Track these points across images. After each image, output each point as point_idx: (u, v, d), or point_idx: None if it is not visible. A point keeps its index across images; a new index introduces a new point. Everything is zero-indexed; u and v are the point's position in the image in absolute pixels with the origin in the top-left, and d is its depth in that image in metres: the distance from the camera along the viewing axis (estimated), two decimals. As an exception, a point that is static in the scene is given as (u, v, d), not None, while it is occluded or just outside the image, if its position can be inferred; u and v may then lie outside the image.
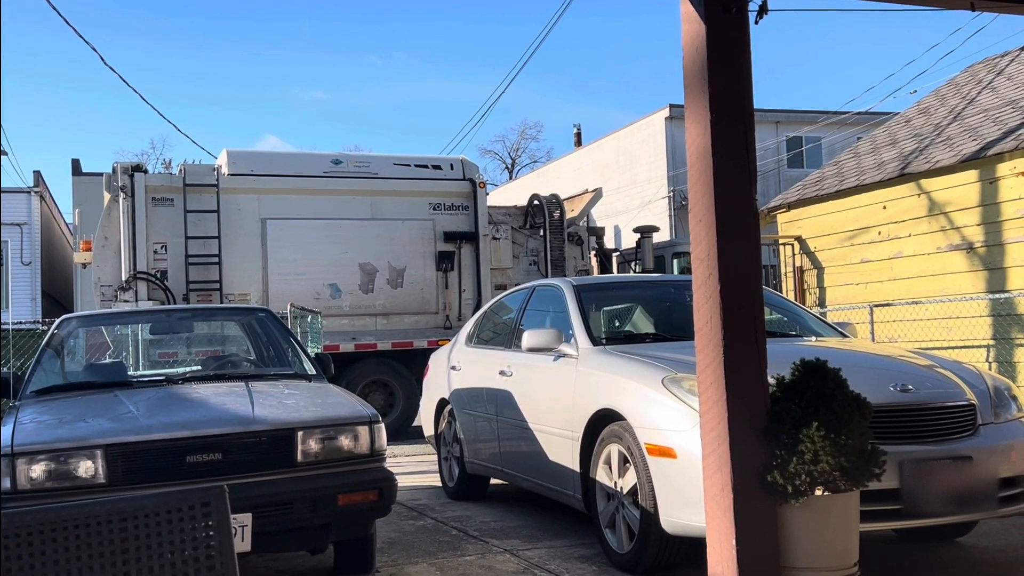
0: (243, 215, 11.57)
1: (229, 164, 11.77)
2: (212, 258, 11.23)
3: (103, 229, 11.22)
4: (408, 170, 12.71)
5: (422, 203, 12.57)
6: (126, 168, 11.17)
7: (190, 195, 11.27)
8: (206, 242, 11.18)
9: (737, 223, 3.40)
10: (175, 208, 11.25)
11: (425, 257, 12.57)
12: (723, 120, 3.37)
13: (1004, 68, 12.37)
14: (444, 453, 7.58)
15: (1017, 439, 4.50)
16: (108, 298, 11.03)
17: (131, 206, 11.00)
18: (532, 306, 6.67)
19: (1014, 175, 9.11)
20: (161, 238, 11.12)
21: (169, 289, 11.21)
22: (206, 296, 11.27)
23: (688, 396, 4.41)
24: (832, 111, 25.31)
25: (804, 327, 6.11)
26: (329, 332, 11.59)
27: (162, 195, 11.23)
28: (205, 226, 11.30)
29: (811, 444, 3.36)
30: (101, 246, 11.19)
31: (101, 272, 11.12)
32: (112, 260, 11.11)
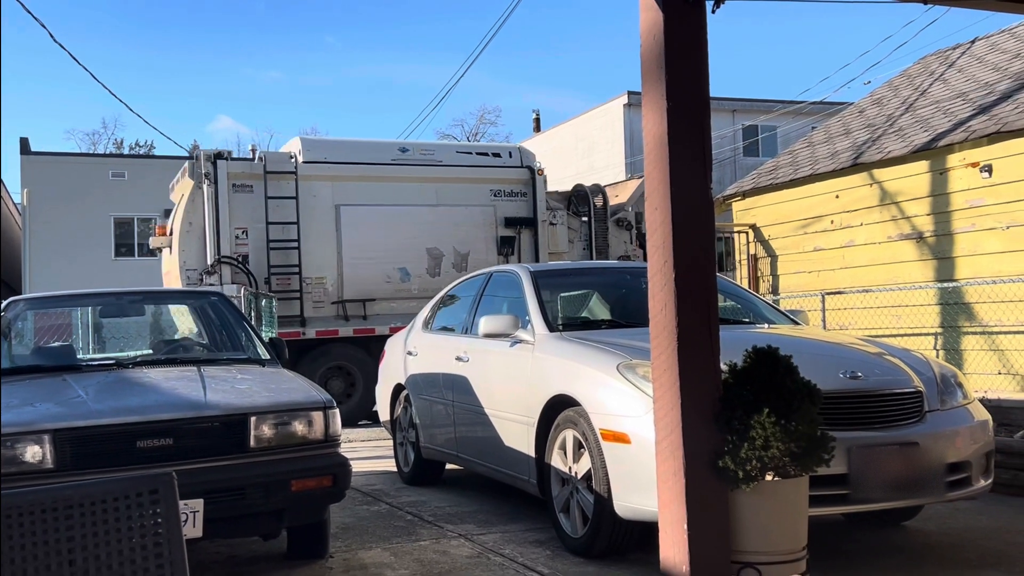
0: (318, 201, 11.91)
1: (304, 152, 12.07)
2: (292, 243, 11.55)
3: (187, 215, 11.46)
4: (470, 158, 13.13)
5: (483, 190, 12.90)
6: (209, 155, 11.40)
7: (270, 182, 11.58)
8: (285, 227, 11.51)
9: (692, 212, 3.42)
10: (254, 194, 11.54)
11: (487, 242, 12.90)
12: (679, 109, 3.38)
13: (955, 61, 12.57)
14: (399, 438, 7.57)
15: (962, 425, 4.60)
16: (193, 281, 11.29)
17: (215, 192, 11.27)
18: (489, 292, 6.66)
19: (963, 166, 9.28)
20: (242, 223, 11.44)
21: (251, 273, 11.50)
22: (285, 280, 11.61)
23: (642, 382, 4.44)
24: (788, 100, 25.58)
25: (757, 314, 6.18)
26: (399, 314, 11.89)
27: (241, 182, 11.52)
28: (284, 212, 11.62)
29: (762, 430, 3.40)
30: (186, 231, 11.41)
31: (186, 256, 11.37)
32: (197, 245, 11.38)
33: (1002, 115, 9.14)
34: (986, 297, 8.99)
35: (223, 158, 11.46)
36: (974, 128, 9.21)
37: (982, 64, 11.66)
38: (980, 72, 11.31)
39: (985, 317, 9.09)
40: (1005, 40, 12.14)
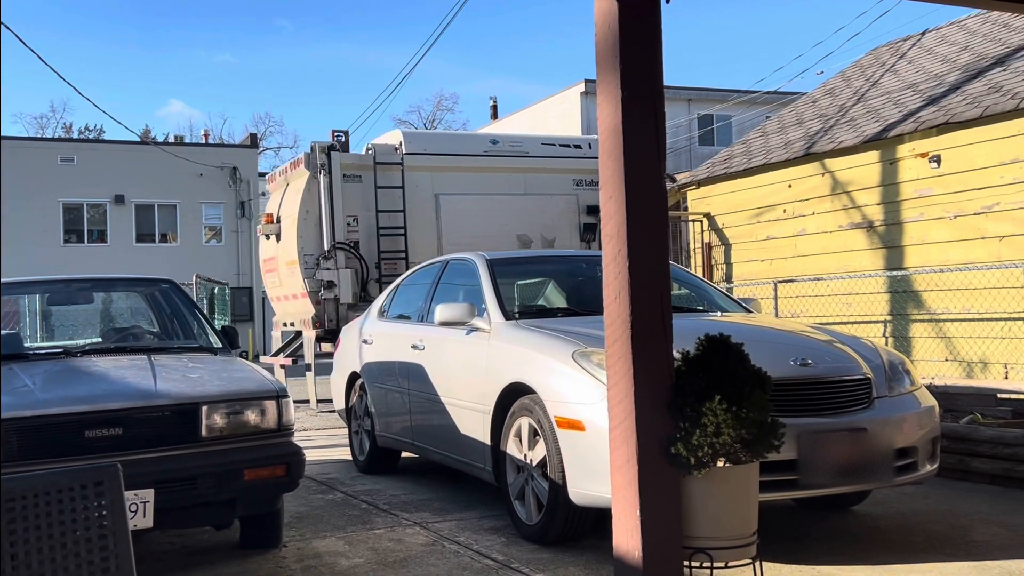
0: (419, 191, 12.52)
1: (405, 144, 12.72)
2: (398, 230, 12.19)
3: (304, 203, 12.04)
4: (554, 149, 13.56)
5: (567, 179, 13.31)
6: (323, 148, 12.04)
7: (379, 172, 12.26)
8: (392, 215, 12.14)
9: (646, 201, 3.43)
10: (363, 184, 12.19)
11: (571, 229, 13.23)
12: (634, 98, 3.39)
13: (906, 52, 12.76)
14: (355, 427, 7.54)
15: (910, 411, 4.69)
16: (310, 266, 11.88)
17: (329, 183, 11.84)
18: (446, 280, 6.65)
19: (913, 156, 9.44)
20: (352, 211, 12.04)
21: (363, 258, 12.07)
22: (393, 264, 12.16)
23: (597, 370, 4.46)
24: (742, 90, 25.79)
25: (710, 302, 6.24)
26: None
27: (351, 172, 12.13)
28: (391, 200, 12.26)
29: (714, 417, 3.43)
30: (303, 219, 11.99)
31: (304, 243, 11.99)
32: (313, 231, 11.99)
33: (951, 106, 9.30)
34: (934, 285, 9.17)
35: (336, 150, 12.18)
36: (923, 119, 9.37)
37: (932, 56, 11.85)
38: (930, 64, 11.50)
39: (933, 305, 9.27)
40: (954, 32, 12.35)
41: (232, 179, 31.34)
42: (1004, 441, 6.12)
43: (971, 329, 8.88)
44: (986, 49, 10.76)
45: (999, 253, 8.57)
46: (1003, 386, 7.78)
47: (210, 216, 31.43)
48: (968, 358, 8.90)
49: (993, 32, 11.31)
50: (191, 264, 27.42)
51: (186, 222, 30.95)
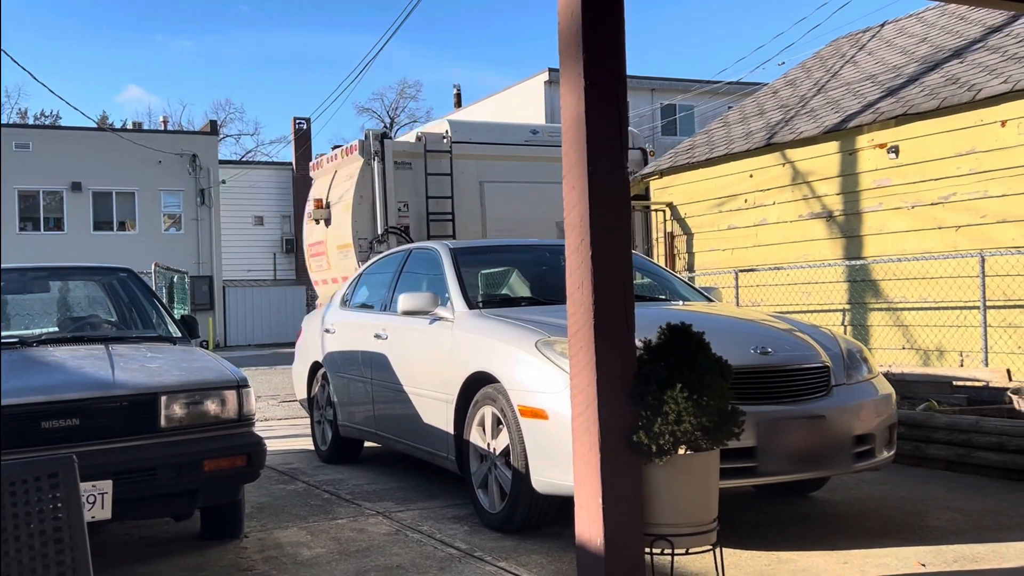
0: (465, 178, 12.80)
1: (452, 132, 12.99)
2: (447, 215, 12.49)
3: (358, 189, 12.35)
4: None
5: None
6: (377, 135, 12.32)
7: (429, 159, 12.58)
8: (441, 201, 12.47)
9: (609, 190, 3.44)
10: (413, 171, 12.48)
11: None
12: (596, 88, 3.40)
13: (866, 43, 12.91)
14: (317, 417, 7.50)
15: (867, 399, 4.76)
16: (364, 250, 12.16)
17: (382, 169, 12.16)
18: (409, 269, 6.63)
19: (872, 147, 9.55)
20: (403, 197, 12.34)
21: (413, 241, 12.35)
22: None
23: (560, 359, 4.48)
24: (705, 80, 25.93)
25: (672, 291, 6.28)
26: None
27: (401, 159, 12.40)
28: (440, 187, 12.53)
29: (675, 405, 3.46)
30: (358, 204, 12.29)
31: (358, 227, 12.28)
32: (367, 216, 12.29)
33: (909, 98, 9.42)
34: (892, 275, 9.31)
35: (388, 138, 12.56)
36: (882, 110, 9.48)
37: (891, 47, 11.99)
38: (889, 55, 11.63)
39: (890, 294, 9.40)
40: (913, 24, 12.50)
41: (192, 166, 30.95)
42: (959, 428, 6.23)
43: (928, 318, 9.03)
44: (943, 41, 10.91)
45: (955, 243, 8.71)
46: (958, 374, 7.92)
47: (169, 204, 31.03)
48: (925, 346, 9.05)
49: (950, 25, 11.46)
50: (150, 252, 27.07)
51: (145, 210, 30.54)
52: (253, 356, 24.46)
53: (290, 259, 34.35)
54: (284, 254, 34.40)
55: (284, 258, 34.47)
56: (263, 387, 14.52)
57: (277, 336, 31.98)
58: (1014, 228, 8.17)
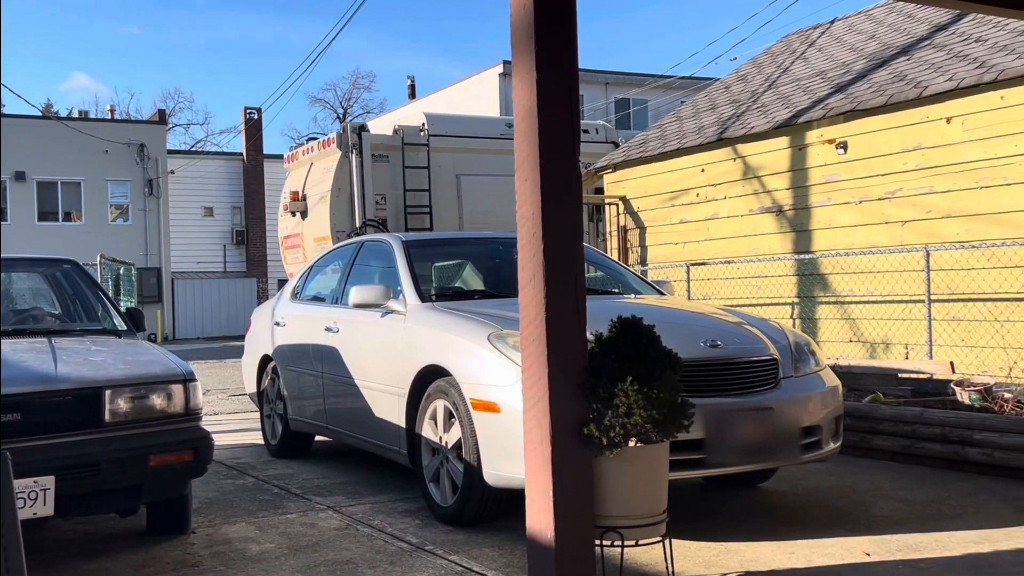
0: (442, 171, 12.88)
1: (429, 125, 13.06)
2: (424, 208, 12.58)
3: (336, 181, 12.40)
4: None
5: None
6: (355, 128, 12.42)
7: (407, 152, 12.65)
8: (418, 194, 12.54)
9: (561, 183, 3.45)
10: (390, 164, 12.55)
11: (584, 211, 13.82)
12: (549, 81, 3.40)
13: (816, 40, 13.08)
14: (267, 411, 7.43)
15: (814, 391, 4.83)
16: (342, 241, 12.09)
17: (360, 162, 12.22)
18: (361, 261, 6.59)
19: (821, 142, 9.69)
20: (381, 190, 12.41)
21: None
22: None
23: (512, 352, 4.48)
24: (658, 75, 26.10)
25: (624, 285, 6.32)
26: None
27: (379, 152, 12.47)
28: (418, 180, 12.61)
29: (625, 398, 3.48)
30: (335, 196, 12.32)
31: (336, 219, 12.31)
32: (345, 208, 12.34)
33: (857, 94, 9.57)
34: (839, 268, 9.46)
35: (365, 130, 12.57)
36: (831, 106, 9.62)
37: (840, 44, 12.17)
38: (838, 52, 11.80)
39: (838, 287, 9.56)
40: (862, 22, 12.70)
41: (140, 156, 30.41)
42: (904, 419, 6.36)
43: (874, 311, 9.19)
44: (892, 39, 11.09)
45: (901, 237, 8.87)
46: (904, 366, 8.07)
47: (116, 194, 30.47)
48: (871, 339, 9.21)
49: (898, 22, 11.66)
50: (96, 243, 26.57)
51: (91, 200, 29.95)
52: (202, 349, 24.15)
53: (240, 251, 33.94)
54: (234, 246, 33.97)
55: (234, 250, 34.05)
56: (212, 380, 14.35)
57: (227, 329, 31.59)
58: (958, 223, 8.35)
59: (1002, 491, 5.40)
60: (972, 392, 6.54)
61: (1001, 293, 7.92)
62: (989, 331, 8.03)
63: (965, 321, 8.28)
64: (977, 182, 8.19)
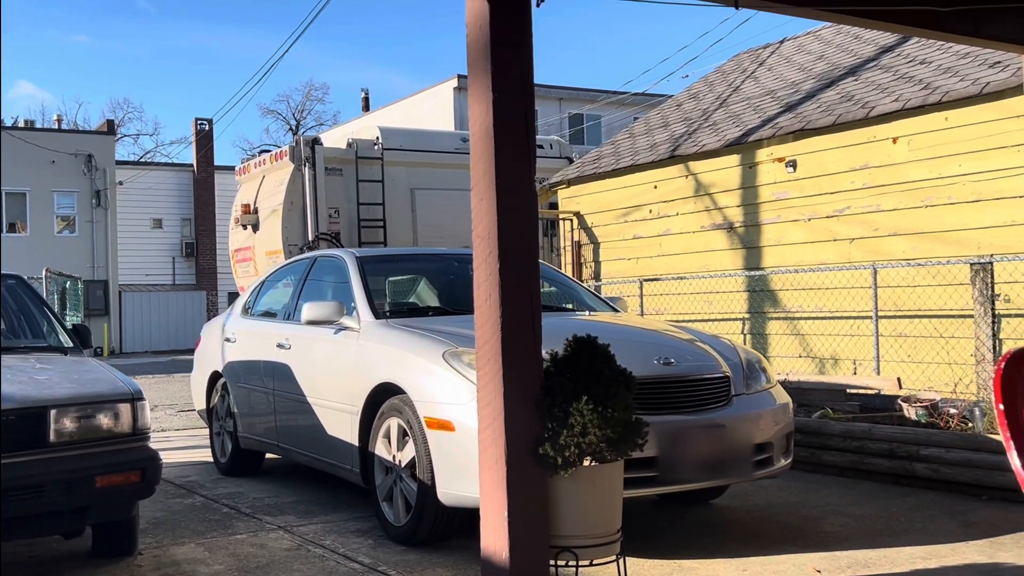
0: (396, 185, 12.94)
1: (383, 139, 13.05)
2: (378, 222, 12.60)
3: (288, 195, 12.33)
4: None
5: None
6: (308, 141, 12.38)
7: (361, 166, 12.64)
8: (371, 207, 12.57)
9: (517, 202, 3.45)
10: (344, 177, 12.56)
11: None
12: (505, 100, 3.40)
13: (766, 59, 13.29)
14: (216, 428, 7.32)
15: (766, 408, 4.88)
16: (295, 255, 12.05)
17: (313, 175, 12.19)
18: (313, 277, 6.53)
19: (771, 161, 9.83)
20: (334, 203, 12.43)
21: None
22: None
23: (467, 370, 4.46)
24: (612, 91, 26.32)
25: (579, 301, 6.34)
26: None
27: (333, 166, 12.43)
28: (372, 193, 12.66)
29: (580, 417, 3.49)
30: (288, 210, 12.26)
31: (289, 233, 12.27)
32: (298, 222, 12.28)
33: (806, 113, 9.73)
34: (789, 285, 9.59)
35: (319, 144, 12.54)
36: (781, 125, 9.77)
37: (790, 64, 12.37)
38: (787, 71, 12.00)
39: (788, 304, 9.69)
40: (811, 42, 12.93)
41: (87, 167, 29.88)
42: (852, 435, 6.45)
43: (823, 327, 9.33)
44: (839, 59, 11.31)
45: (849, 255, 9.02)
46: (852, 382, 8.19)
47: (63, 205, 29.89)
48: (820, 354, 9.34)
49: (846, 43, 11.89)
50: (42, 255, 26.03)
51: (37, 211, 29.35)
52: (150, 363, 23.74)
53: (190, 263, 33.48)
54: (184, 258, 33.50)
55: (184, 262, 33.57)
56: (160, 396, 14.11)
57: (176, 342, 31.10)
58: (904, 241, 8.51)
59: (948, 506, 5.50)
60: (919, 408, 6.66)
61: (946, 310, 8.09)
62: (935, 347, 8.19)
63: (911, 337, 8.43)
64: (923, 201, 8.37)
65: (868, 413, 7.21)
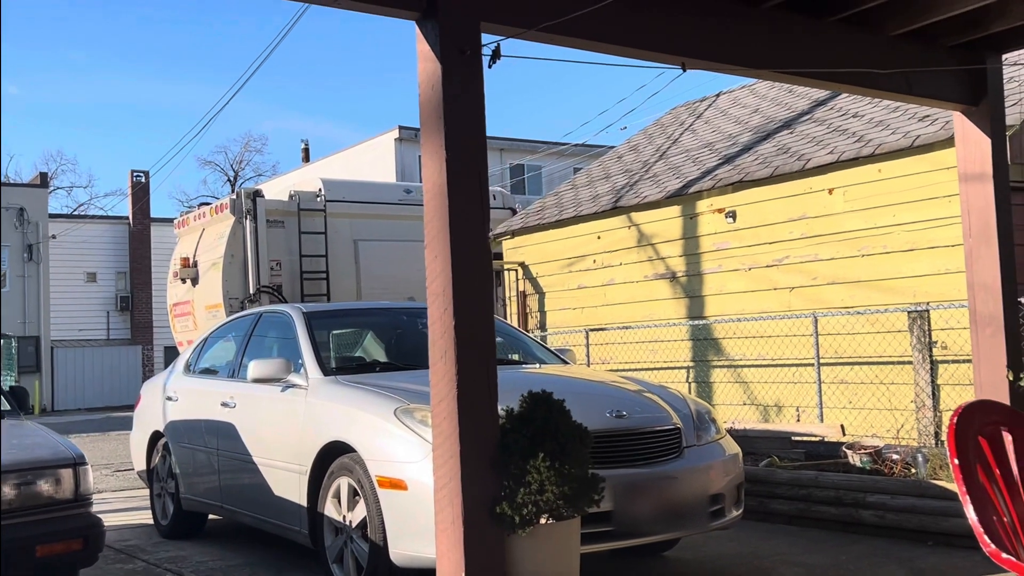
0: (339, 236, 12.88)
1: (326, 191, 12.99)
2: (321, 274, 12.56)
3: (229, 248, 12.22)
4: None
5: None
6: (249, 193, 12.34)
7: (303, 218, 12.60)
8: (314, 259, 12.52)
9: (471, 260, 3.47)
10: (285, 229, 12.54)
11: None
12: (458, 159, 3.43)
13: (703, 113, 13.61)
14: (157, 489, 7.13)
15: (716, 459, 4.92)
16: (235, 309, 11.70)
17: (254, 227, 12.13)
18: (259, 333, 6.45)
19: (711, 212, 10.03)
20: (276, 256, 12.34)
21: (287, 301, 12.01)
22: None
23: (420, 427, 4.43)
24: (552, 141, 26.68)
25: (528, 353, 6.35)
26: None
27: (274, 218, 12.39)
28: (314, 245, 12.57)
29: (537, 474, 3.49)
30: (228, 263, 12.10)
31: (229, 286, 12.11)
32: (238, 275, 12.11)
33: (744, 165, 9.97)
34: (731, 333, 9.73)
35: (260, 196, 12.46)
36: (720, 176, 9.99)
37: (726, 117, 12.69)
38: (724, 124, 12.31)
39: (731, 352, 9.82)
40: (746, 95, 13.29)
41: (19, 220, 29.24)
42: (800, 483, 6.52)
43: (766, 374, 9.47)
44: (774, 112, 11.64)
45: (789, 303, 9.21)
46: (797, 429, 8.31)
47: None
48: (764, 401, 9.47)
49: (780, 97, 12.25)
50: (-31, 311, 25.26)
51: (-35, 266, 28.55)
52: (84, 421, 23.07)
53: (125, 317, 32.79)
54: (119, 312, 32.80)
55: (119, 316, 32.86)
56: (96, 455, 13.70)
57: (111, 399, 30.30)
58: (843, 289, 8.72)
59: (896, 553, 5.57)
60: (863, 455, 6.76)
61: (885, 357, 8.28)
62: (876, 393, 8.36)
63: (853, 384, 8.60)
64: (859, 250, 8.59)
65: (814, 460, 7.30)
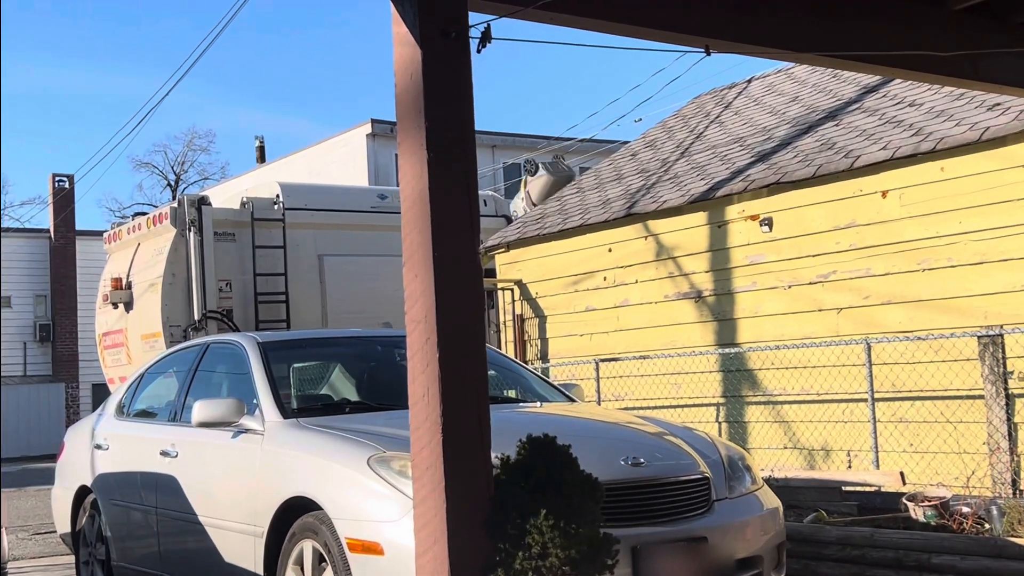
0: (301, 251, 12.79)
1: (284, 197, 12.90)
2: (279, 296, 12.46)
3: (170, 266, 12.03)
4: None
5: None
6: (193, 201, 12.17)
7: (257, 230, 12.44)
8: (271, 279, 12.38)
9: (459, 279, 3.47)
10: (237, 243, 12.37)
11: None
12: (442, 160, 3.45)
13: (731, 102, 13.68)
14: (84, 556, 7.14)
15: (752, 515, 4.92)
16: (177, 338, 11.56)
17: (200, 241, 11.97)
18: (205, 367, 6.46)
19: (743, 219, 10.05)
20: (225, 275, 12.19)
21: (239, 328, 11.93)
22: None
23: (399, 479, 4.42)
24: (554, 137, 26.78)
25: (527, 389, 6.36)
26: None
27: (223, 230, 12.21)
28: (271, 262, 12.46)
29: (539, 536, 3.48)
30: (169, 284, 11.95)
31: (170, 312, 11.93)
32: (181, 298, 11.98)
33: (781, 164, 10.01)
34: (769, 363, 9.73)
35: (206, 203, 12.31)
36: (753, 177, 10.02)
37: (759, 106, 12.75)
38: (757, 115, 12.36)
39: (769, 385, 9.82)
40: (782, 81, 13.36)
41: (-83, 234, 29.24)
42: (852, 542, 6.51)
43: (811, 412, 9.47)
44: (816, 101, 11.70)
45: (837, 327, 9.22)
46: (847, 477, 8.30)
47: None
48: (809, 445, 9.47)
49: (823, 83, 12.31)
50: None
51: None
52: None
53: (45, 349, 32.74)
54: (38, 343, 32.75)
55: (38, 348, 32.82)
56: (12, 515, 13.65)
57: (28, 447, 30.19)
58: (900, 310, 8.73)
59: (967, 624, 5.57)
60: (927, 508, 6.77)
61: (952, 390, 8.28)
62: (941, 434, 8.36)
63: (914, 423, 8.60)
64: (919, 264, 8.61)
65: (868, 515, 7.30)
